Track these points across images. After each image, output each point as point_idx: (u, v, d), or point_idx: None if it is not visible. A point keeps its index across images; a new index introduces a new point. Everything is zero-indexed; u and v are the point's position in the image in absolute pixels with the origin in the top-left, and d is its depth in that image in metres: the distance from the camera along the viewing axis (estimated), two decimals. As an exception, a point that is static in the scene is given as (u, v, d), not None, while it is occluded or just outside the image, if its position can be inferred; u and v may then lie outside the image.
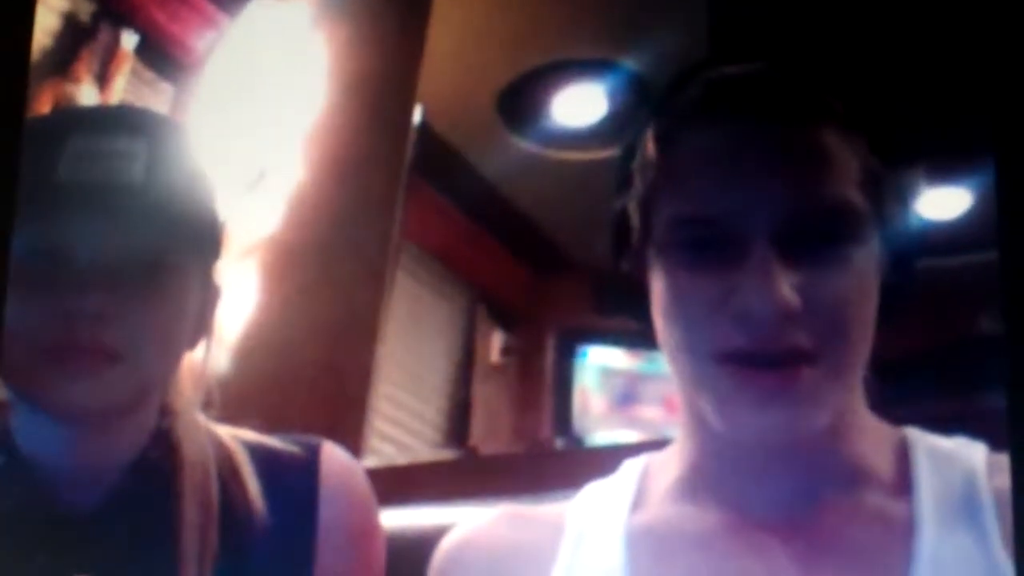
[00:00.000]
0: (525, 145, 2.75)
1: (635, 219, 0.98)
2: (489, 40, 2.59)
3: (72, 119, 1.12)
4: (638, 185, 0.98)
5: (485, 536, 1.06)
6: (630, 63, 2.55)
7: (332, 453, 1.12)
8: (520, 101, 2.70)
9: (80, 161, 1.03)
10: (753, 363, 0.89)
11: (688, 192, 0.93)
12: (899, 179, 0.97)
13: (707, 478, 0.99)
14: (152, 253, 1.04)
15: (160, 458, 1.07)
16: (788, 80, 0.94)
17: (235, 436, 1.13)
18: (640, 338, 1.00)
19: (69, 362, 1.01)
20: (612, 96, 2.65)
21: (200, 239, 1.10)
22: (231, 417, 1.16)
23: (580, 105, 2.71)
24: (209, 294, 1.12)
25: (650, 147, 0.97)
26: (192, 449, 1.08)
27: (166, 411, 1.10)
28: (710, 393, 0.93)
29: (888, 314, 0.95)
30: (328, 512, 1.08)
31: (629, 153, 1.00)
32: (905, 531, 0.92)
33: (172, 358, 1.09)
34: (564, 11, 2.53)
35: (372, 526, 1.13)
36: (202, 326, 1.12)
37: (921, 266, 1.01)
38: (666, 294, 0.94)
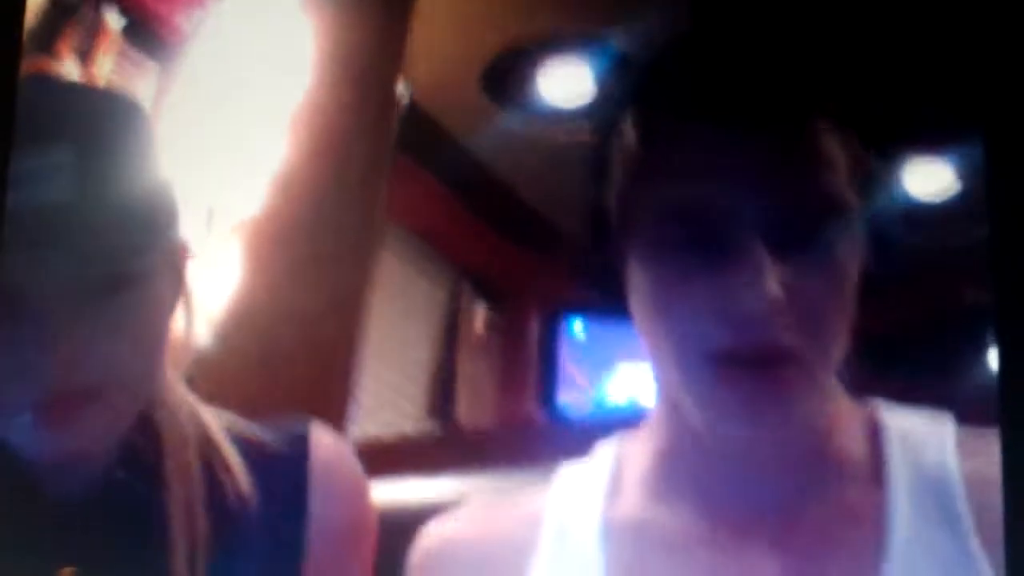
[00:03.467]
0: (511, 121, 2.75)
1: (614, 209, 0.97)
2: (475, 17, 2.59)
3: None
4: (618, 175, 0.96)
5: (462, 532, 1.05)
6: (616, 41, 2.56)
7: (321, 439, 1.10)
8: (506, 78, 2.70)
9: (14, 188, 0.95)
10: (740, 363, 0.88)
11: (675, 185, 0.92)
12: (888, 167, 0.97)
13: (680, 471, 0.99)
14: (110, 267, 0.98)
15: (144, 444, 1.03)
16: (779, 74, 0.93)
17: (221, 421, 1.10)
18: (625, 312, 0.98)
19: (48, 414, 0.96)
20: (597, 73, 2.65)
21: (156, 229, 1.02)
22: (215, 397, 1.15)
23: (567, 83, 2.71)
24: (178, 273, 1.06)
25: (630, 137, 0.95)
26: (175, 433, 1.05)
27: (155, 400, 1.07)
28: (694, 392, 0.92)
29: (867, 298, 0.94)
30: (318, 500, 1.06)
31: (605, 140, 0.98)
32: (877, 524, 0.92)
33: (156, 356, 1.04)
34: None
35: (364, 513, 1.11)
36: (179, 310, 1.07)
37: (907, 241, 1.00)
38: (651, 290, 0.93)
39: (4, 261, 0.95)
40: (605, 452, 1.05)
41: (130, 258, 0.99)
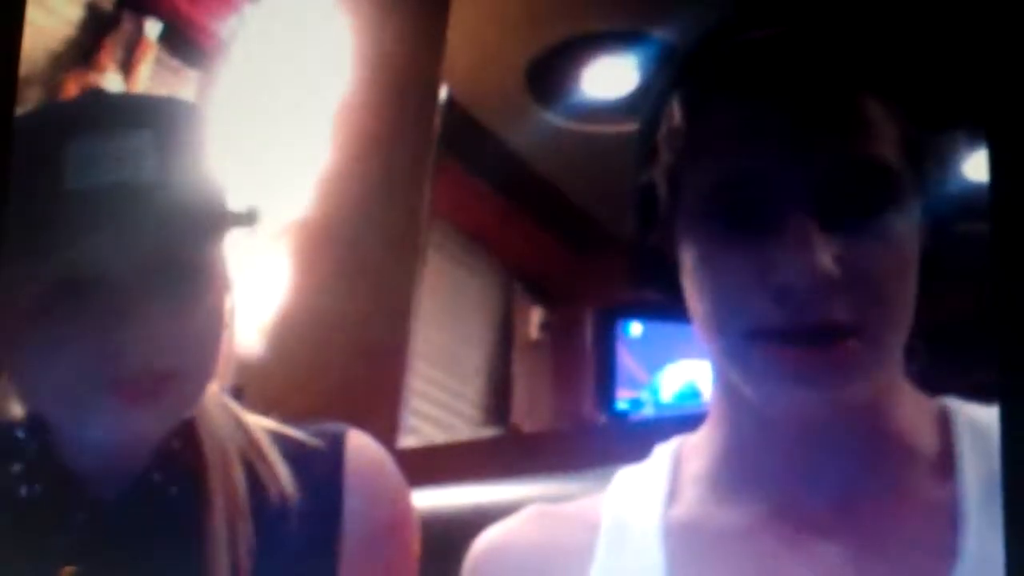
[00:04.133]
0: (555, 119, 2.73)
1: (663, 191, 0.94)
2: (515, 13, 2.57)
3: (70, 119, 1.01)
4: (665, 155, 0.93)
5: (518, 538, 1.02)
6: (660, 33, 2.53)
7: (358, 442, 1.08)
8: (549, 75, 2.68)
9: (86, 169, 0.96)
10: (792, 341, 0.85)
11: (720, 160, 0.89)
12: (940, 144, 0.93)
13: (742, 464, 0.95)
14: (183, 251, 0.99)
15: (182, 448, 1.03)
16: (819, 44, 0.90)
17: (261, 424, 1.09)
18: (680, 311, 0.95)
19: (126, 394, 0.96)
20: (643, 68, 2.62)
21: (220, 221, 1.04)
22: (267, 406, 1.13)
23: (610, 77, 2.68)
24: (227, 272, 1.07)
25: (677, 116, 0.92)
26: (213, 440, 1.05)
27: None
28: (747, 371, 0.89)
29: (929, 282, 0.91)
30: (353, 503, 1.05)
31: (652, 124, 0.95)
32: (950, 520, 0.88)
33: (216, 348, 1.04)
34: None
35: (400, 517, 1.09)
36: (228, 297, 1.07)
37: (968, 229, 0.97)
38: (699, 267, 0.90)
39: (78, 244, 0.96)
40: (663, 453, 1.02)
41: (197, 245, 1.00)
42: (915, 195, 0.89)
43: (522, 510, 1.02)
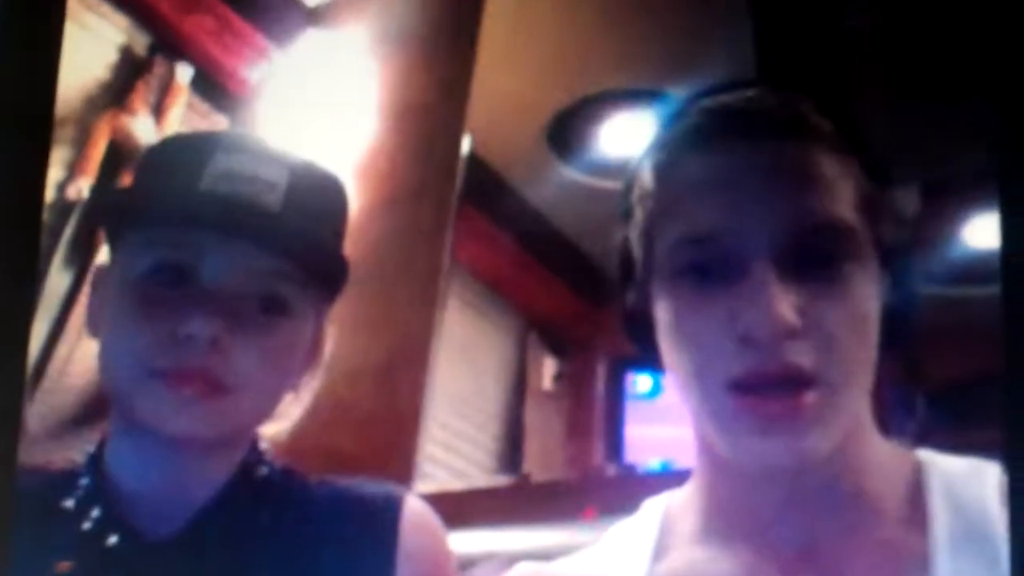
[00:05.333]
0: (574, 174, 2.76)
1: (637, 250, 0.96)
2: (537, 70, 2.61)
3: (219, 138, 1.07)
4: (638, 216, 0.96)
5: None
6: (678, 92, 2.56)
7: (413, 504, 1.08)
8: (569, 130, 2.71)
9: (223, 179, 1.01)
10: (756, 390, 0.86)
11: (686, 216, 0.91)
12: (896, 201, 0.97)
13: (723, 515, 0.96)
14: (275, 286, 1.01)
15: (239, 495, 1.05)
16: (780, 104, 0.93)
17: (320, 480, 1.10)
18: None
19: (181, 387, 0.97)
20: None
21: (323, 280, 1.06)
22: (285, 447, 1.12)
23: (628, 135, 2.71)
24: (320, 337, 1.09)
25: (646, 177, 0.95)
26: (279, 489, 1.07)
27: (254, 448, 1.07)
28: (715, 420, 0.89)
29: (893, 339, 0.93)
30: (404, 560, 1.05)
31: (628, 186, 0.98)
32: (921, 563, 0.90)
33: (276, 397, 1.05)
34: (613, 41, 2.53)
35: None
36: (306, 368, 1.08)
37: (968, 293, 0.99)
38: (670, 322, 0.91)
39: (190, 234, 1.00)
40: (652, 508, 1.03)
41: (291, 286, 1.02)
42: (873, 253, 0.92)
43: (513, 569, 1.02)
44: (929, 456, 0.95)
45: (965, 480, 0.93)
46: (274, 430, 1.09)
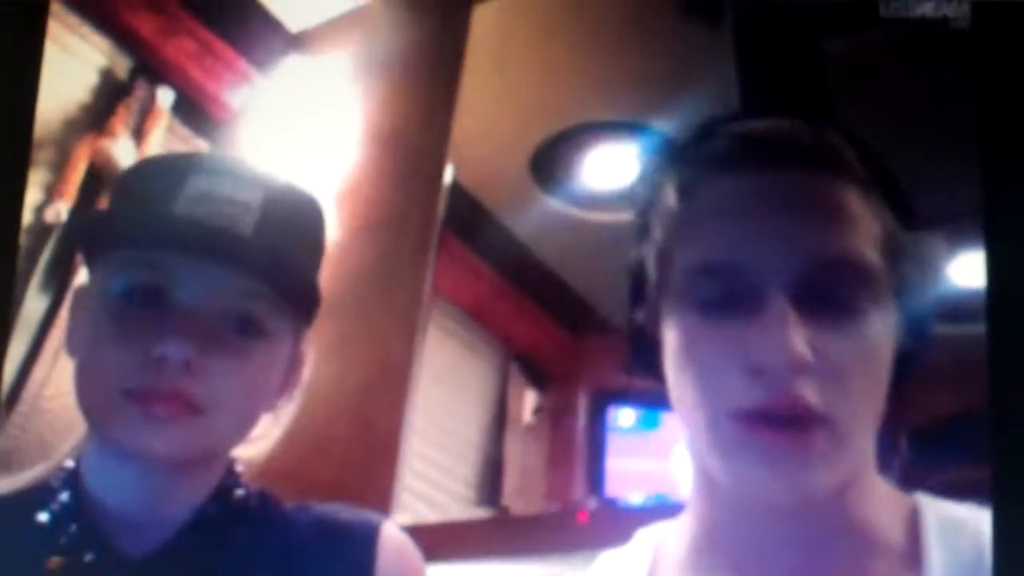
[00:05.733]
0: (557, 205, 2.75)
1: (652, 270, 0.97)
2: (521, 100, 2.60)
3: (195, 160, 1.08)
4: (656, 235, 0.96)
5: None
6: (661, 125, 2.55)
7: (391, 535, 1.10)
8: (552, 161, 2.70)
9: (198, 201, 1.02)
10: (765, 422, 0.86)
11: (707, 241, 0.91)
12: (919, 244, 0.96)
13: (717, 548, 0.96)
14: (249, 308, 1.02)
15: (215, 516, 1.06)
16: (810, 135, 0.93)
17: (298, 506, 1.13)
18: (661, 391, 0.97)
19: (152, 407, 0.98)
20: (644, 158, 2.64)
21: (298, 302, 1.08)
22: (263, 474, 1.15)
23: (612, 166, 2.70)
24: (297, 359, 1.12)
25: (670, 196, 0.95)
26: (252, 508, 1.09)
27: (230, 470, 1.10)
28: (720, 450, 0.89)
29: (901, 379, 0.93)
30: None
31: (648, 204, 0.99)
32: None
33: (251, 419, 1.07)
34: (596, 73, 2.53)
35: None
36: (283, 390, 1.11)
37: (951, 332, 0.98)
38: (680, 346, 0.92)
39: (164, 257, 1.02)
40: (644, 538, 1.04)
41: (266, 307, 1.04)
42: (892, 292, 0.91)
43: None
44: (926, 499, 0.95)
45: (962, 524, 0.92)
46: (251, 452, 1.11)
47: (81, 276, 1.09)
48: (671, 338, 0.93)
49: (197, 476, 1.06)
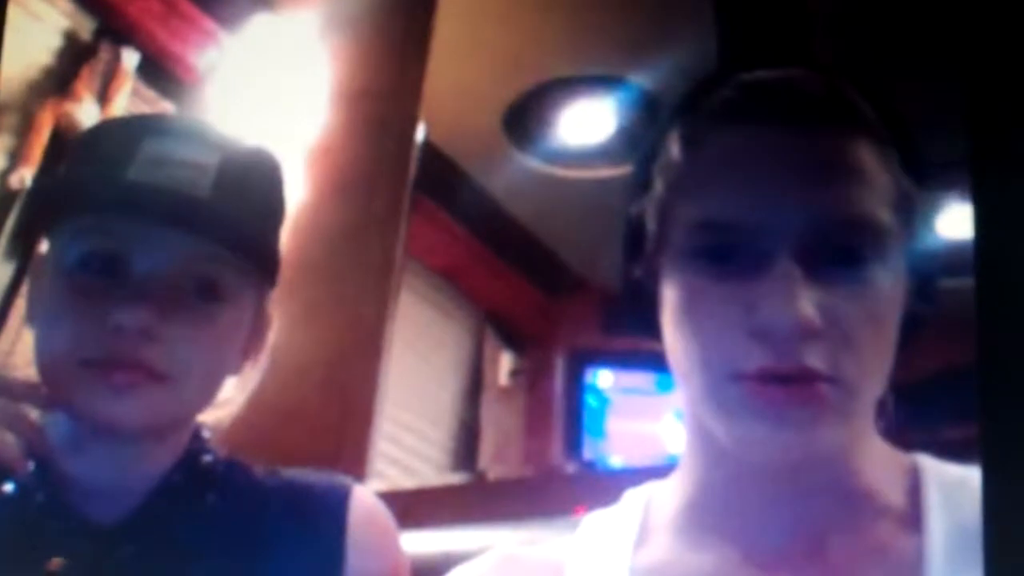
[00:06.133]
0: (532, 163, 2.73)
1: (652, 223, 0.93)
2: (493, 56, 2.57)
3: (149, 123, 1.07)
4: (658, 187, 0.93)
5: None
6: (638, 79, 2.53)
7: (361, 495, 1.10)
8: (526, 118, 2.68)
9: (152, 165, 1.00)
10: (770, 381, 0.84)
11: (711, 195, 0.88)
12: (928, 200, 0.92)
13: (711, 508, 0.94)
14: (209, 273, 1.01)
15: (184, 482, 1.05)
16: (824, 87, 0.90)
17: (267, 470, 1.12)
18: (652, 359, 0.95)
19: (112, 376, 0.97)
20: (620, 113, 2.62)
21: (258, 265, 1.06)
22: (239, 446, 1.13)
23: (588, 122, 2.68)
24: (261, 322, 1.10)
25: (675, 147, 0.92)
26: (220, 476, 1.08)
27: (197, 435, 1.08)
28: (722, 409, 0.87)
29: (907, 339, 0.90)
30: (355, 552, 1.06)
31: (650, 155, 0.95)
32: (914, 566, 0.87)
33: (216, 384, 1.06)
34: (570, 27, 2.50)
35: (398, 570, 1.10)
36: (248, 354, 1.09)
37: (944, 286, 0.96)
38: (680, 305, 0.89)
39: (119, 223, 1.00)
40: (633, 499, 1.01)
41: (226, 271, 1.02)
42: (901, 252, 0.89)
43: (488, 553, 1.01)
44: (925, 460, 0.93)
45: (961, 485, 0.90)
46: (217, 416, 1.10)
47: (44, 244, 1.07)
48: (670, 296, 0.90)
49: (163, 443, 1.05)
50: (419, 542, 1.28)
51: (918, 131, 0.96)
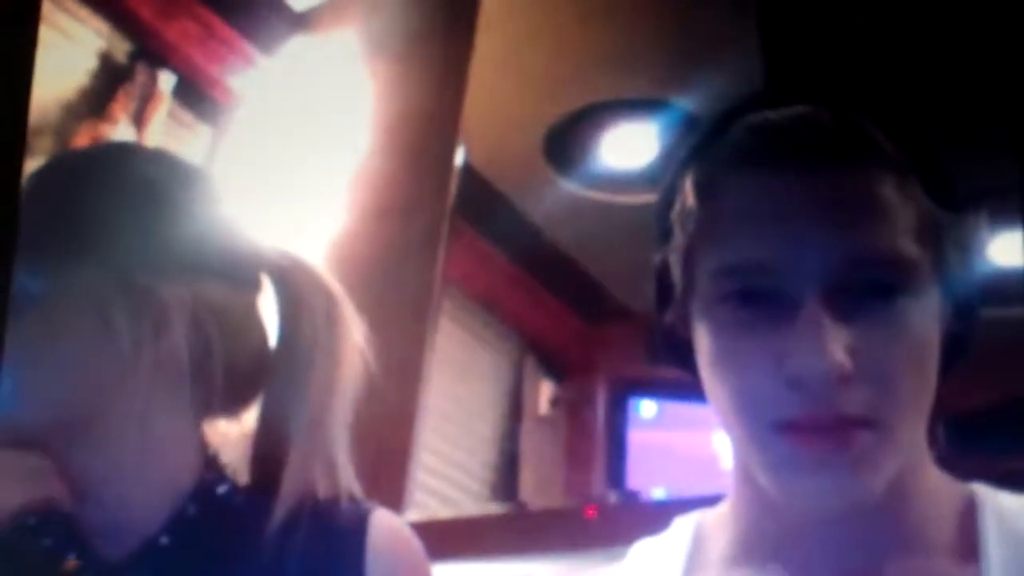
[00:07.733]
0: (573, 188, 2.70)
1: (676, 272, 0.92)
2: (534, 79, 2.55)
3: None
4: (678, 236, 0.92)
5: None
6: (682, 102, 2.50)
7: (383, 520, 1.08)
8: (567, 142, 2.65)
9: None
10: (807, 431, 0.83)
11: (732, 243, 0.87)
12: (960, 223, 0.91)
13: (763, 542, 0.93)
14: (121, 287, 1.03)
15: (197, 515, 1.03)
16: (836, 123, 0.88)
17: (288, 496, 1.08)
18: (695, 389, 0.93)
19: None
20: (664, 136, 2.59)
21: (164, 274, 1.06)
22: (268, 475, 1.09)
23: (630, 146, 2.65)
24: (200, 337, 1.08)
25: (690, 196, 0.91)
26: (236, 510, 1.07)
27: (212, 463, 1.07)
28: (762, 458, 0.87)
29: (950, 365, 0.89)
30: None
31: (667, 202, 0.94)
32: None
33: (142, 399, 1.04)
34: (612, 49, 2.48)
35: None
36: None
37: (997, 315, 0.94)
38: (714, 355, 0.88)
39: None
40: (683, 526, 1.00)
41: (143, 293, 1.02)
42: (933, 280, 0.87)
43: None
44: (982, 489, 0.92)
45: (1019, 515, 0.89)
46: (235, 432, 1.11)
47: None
48: (703, 344, 0.90)
49: (171, 475, 1.05)
50: (457, 573, 1.26)
51: (966, 158, 0.95)
